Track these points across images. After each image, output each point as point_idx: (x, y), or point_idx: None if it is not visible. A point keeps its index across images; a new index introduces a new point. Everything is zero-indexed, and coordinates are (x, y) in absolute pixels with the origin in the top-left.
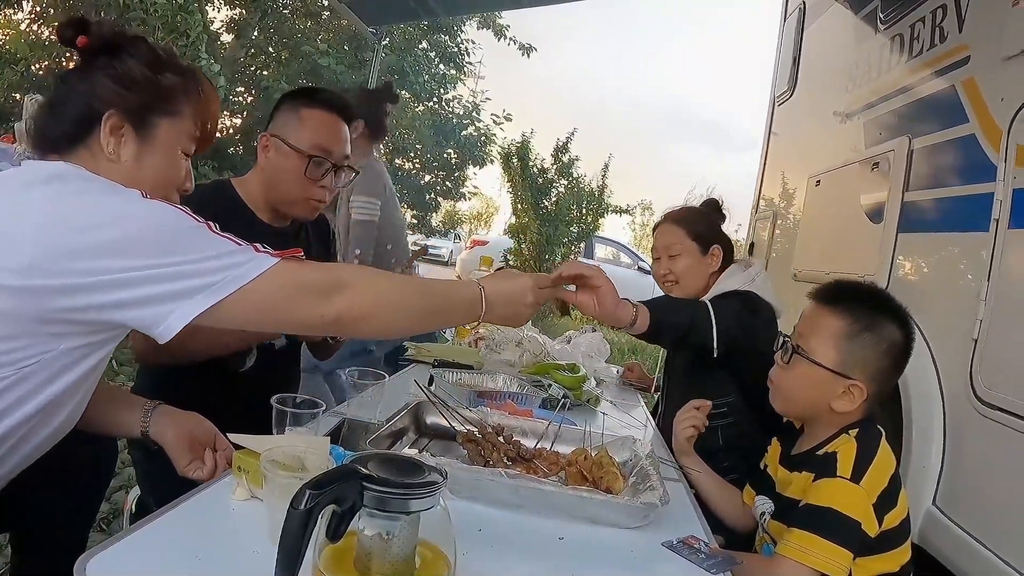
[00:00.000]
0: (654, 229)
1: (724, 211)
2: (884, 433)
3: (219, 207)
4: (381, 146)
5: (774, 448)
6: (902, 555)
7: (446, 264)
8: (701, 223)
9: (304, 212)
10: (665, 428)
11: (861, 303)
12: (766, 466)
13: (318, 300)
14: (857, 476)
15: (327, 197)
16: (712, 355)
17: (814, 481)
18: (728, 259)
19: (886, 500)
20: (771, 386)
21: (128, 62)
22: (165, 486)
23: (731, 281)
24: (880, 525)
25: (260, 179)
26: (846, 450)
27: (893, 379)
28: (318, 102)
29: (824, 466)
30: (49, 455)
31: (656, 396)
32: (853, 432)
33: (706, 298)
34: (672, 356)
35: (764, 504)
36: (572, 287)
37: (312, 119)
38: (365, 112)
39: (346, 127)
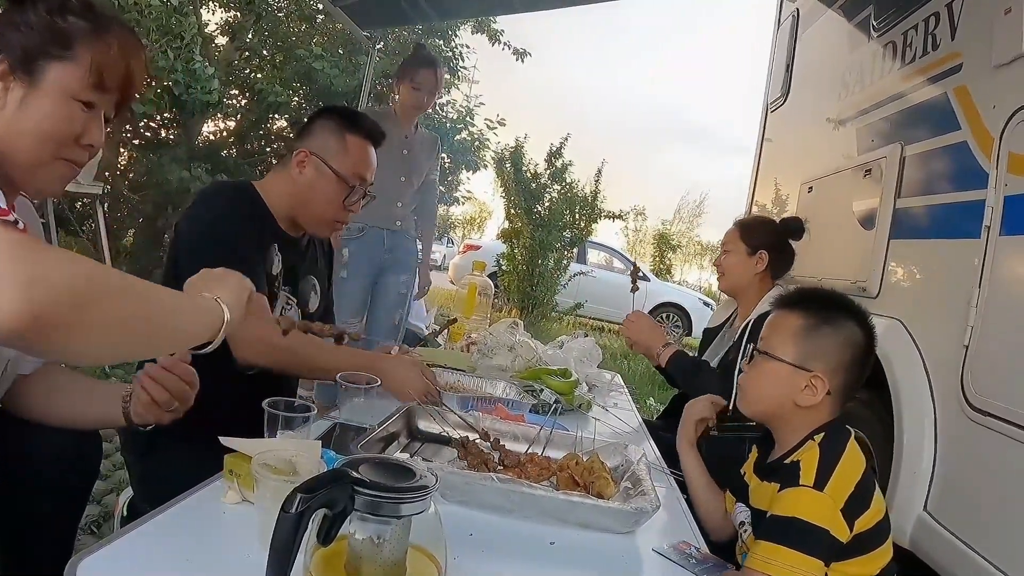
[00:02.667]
0: None
1: (799, 229)
2: (853, 433)
3: (250, 206)
4: None
5: (753, 454)
6: (881, 557)
7: (439, 268)
8: (758, 230)
9: (325, 232)
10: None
11: (818, 302)
12: (744, 472)
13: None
14: (820, 483)
15: (349, 219)
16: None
17: (779, 492)
18: (781, 268)
19: (855, 504)
20: (738, 391)
21: (31, 8)
22: (160, 490)
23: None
24: (852, 530)
25: (288, 191)
26: (808, 458)
27: (857, 375)
28: (361, 130)
29: (789, 476)
30: (31, 454)
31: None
32: (818, 438)
33: (751, 316)
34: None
35: (742, 512)
36: None
37: (356, 148)
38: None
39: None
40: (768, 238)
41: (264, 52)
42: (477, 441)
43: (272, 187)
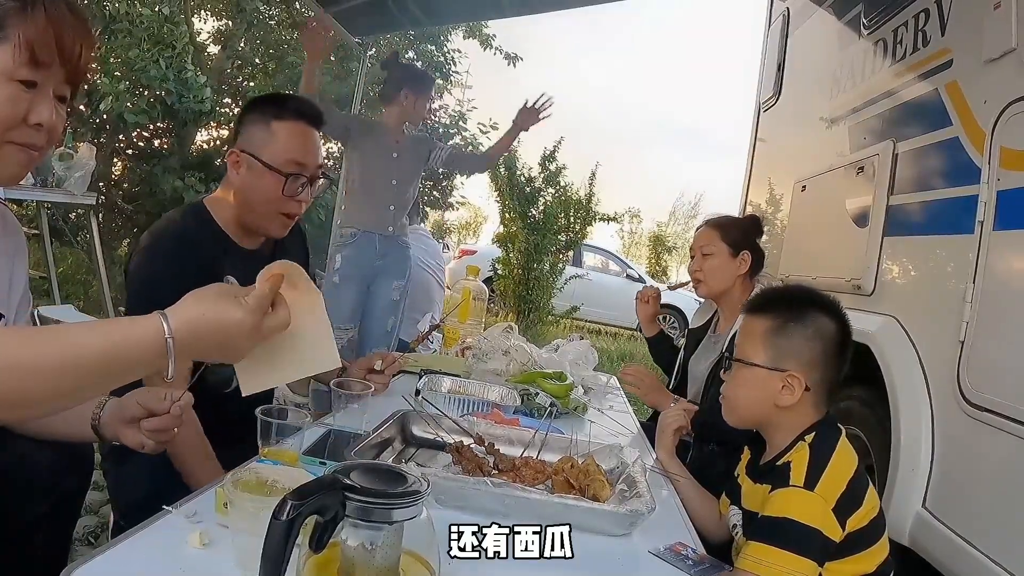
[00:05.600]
0: (696, 230)
1: (763, 227)
2: (844, 431)
3: (201, 235)
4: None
5: (745, 456)
6: (877, 554)
7: None
8: (736, 230)
9: (277, 230)
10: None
11: (785, 302)
12: (738, 475)
13: None
14: (811, 483)
15: (302, 210)
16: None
17: (770, 493)
18: (757, 268)
19: (847, 503)
20: (722, 403)
21: None
22: (131, 499)
23: None
24: (844, 528)
25: (231, 197)
26: (799, 458)
27: (834, 368)
28: (288, 112)
29: (780, 477)
30: (22, 463)
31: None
32: (809, 438)
33: (737, 322)
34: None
35: (736, 515)
36: None
37: (284, 133)
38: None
39: (317, 135)
40: (746, 237)
41: (256, 60)
42: (472, 446)
43: (219, 200)
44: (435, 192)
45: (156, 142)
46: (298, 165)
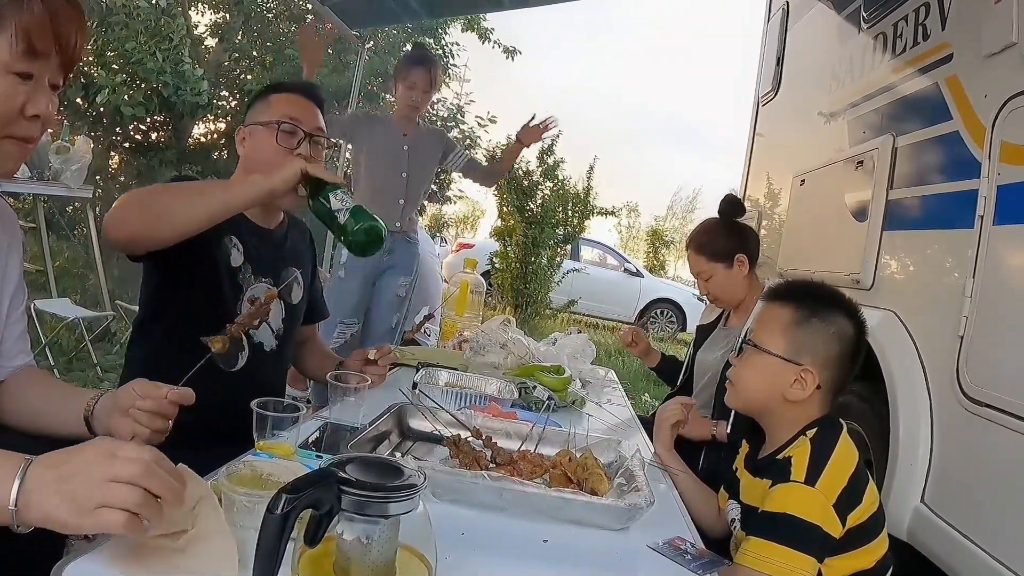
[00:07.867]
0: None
1: (740, 203)
2: (845, 426)
3: None
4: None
5: (743, 449)
6: (876, 550)
7: None
8: (717, 240)
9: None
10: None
11: (808, 295)
12: (736, 468)
13: None
14: (812, 479)
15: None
16: None
17: (770, 488)
18: (755, 255)
19: (848, 499)
20: (728, 386)
21: None
22: None
23: None
24: (844, 524)
25: (241, 171)
26: (800, 453)
27: (847, 369)
28: (284, 87)
29: (781, 472)
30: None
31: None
32: (810, 433)
33: (750, 320)
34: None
35: (735, 509)
36: None
37: (279, 100)
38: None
39: (315, 106)
40: (729, 239)
41: (254, 53)
42: (469, 439)
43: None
44: (432, 186)
45: (153, 135)
46: (291, 119)
